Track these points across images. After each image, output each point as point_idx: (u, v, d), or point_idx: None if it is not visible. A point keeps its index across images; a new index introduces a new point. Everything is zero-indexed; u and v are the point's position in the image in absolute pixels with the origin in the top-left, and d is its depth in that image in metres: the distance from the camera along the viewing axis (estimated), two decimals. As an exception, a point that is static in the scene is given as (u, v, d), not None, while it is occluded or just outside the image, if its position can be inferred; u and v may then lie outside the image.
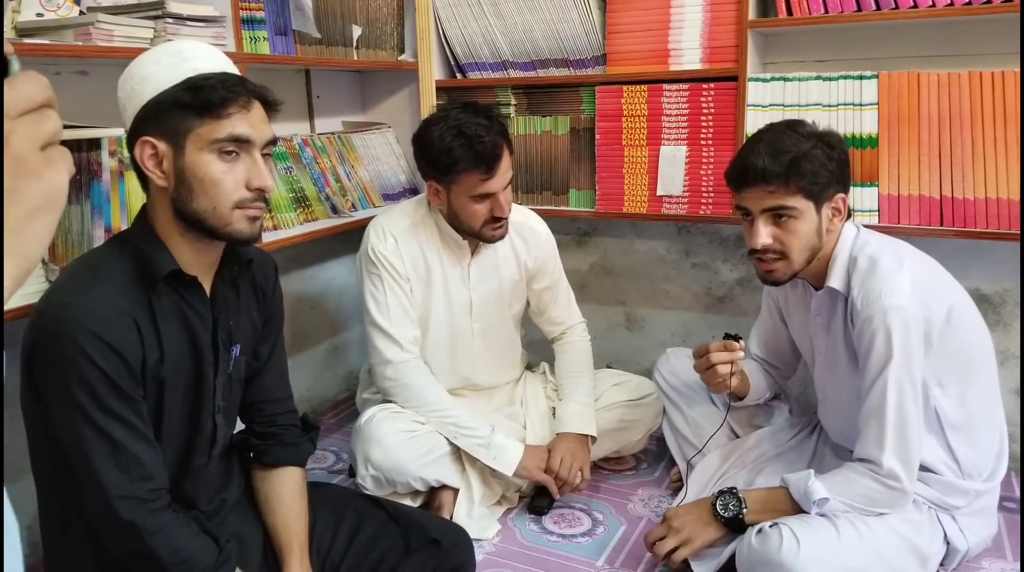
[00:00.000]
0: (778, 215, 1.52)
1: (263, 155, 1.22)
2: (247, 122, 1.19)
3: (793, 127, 1.56)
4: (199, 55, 1.20)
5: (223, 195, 1.18)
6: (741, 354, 1.68)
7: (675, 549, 1.60)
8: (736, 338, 1.69)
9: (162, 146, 1.17)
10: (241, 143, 1.18)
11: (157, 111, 1.16)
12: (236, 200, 1.19)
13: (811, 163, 1.49)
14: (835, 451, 1.79)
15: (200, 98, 1.15)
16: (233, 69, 1.23)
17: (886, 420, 1.47)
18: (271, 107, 1.25)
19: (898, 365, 1.46)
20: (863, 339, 1.50)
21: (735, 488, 1.61)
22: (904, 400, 1.47)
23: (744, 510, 1.57)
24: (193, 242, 1.23)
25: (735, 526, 1.57)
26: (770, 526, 1.49)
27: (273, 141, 1.24)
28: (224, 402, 1.35)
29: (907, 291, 1.47)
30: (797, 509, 1.54)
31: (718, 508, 1.59)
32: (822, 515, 1.51)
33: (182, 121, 1.16)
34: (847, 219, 1.61)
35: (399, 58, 2.58)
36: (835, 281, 1.58)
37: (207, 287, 1.30)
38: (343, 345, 2.82)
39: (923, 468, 1.59)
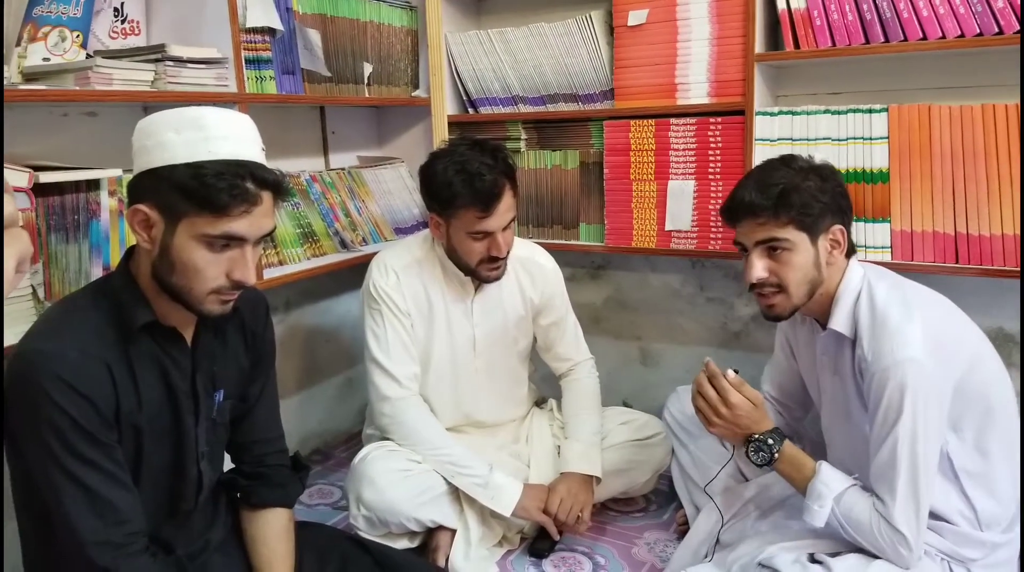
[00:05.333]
0: (772, 248, 1.50)
1: (255, 244, 1.21)
2: (247, 222, 1.17)
3: (786, 162, 1.54)
4: (220, 135, 1.16)
5: (201, 282, 1.18)
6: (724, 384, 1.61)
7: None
8: (735, 371, 1.63)
9: (154, 215, 1.16)
10: (234, 239, 1.18)
11: (159, 184, 1.15)
12: (214, 287, 1.19)
13: (801, 195, 1.47)
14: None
15: (203, 195, 1.13)
16: (254, 152, 1.20)
17: (897, 481, 1.40)
18: (283, 196, 1.24)
19: (909, 422, 1.38)
20: (872, 392, 1.44)
21: (772, 439, 1.54)
22: (916, 460, 1.39)
23: (773, 461, 1.54)
24: (170, 300, 1.23)
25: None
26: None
27: (271, 232, 1.23)
28: (208, 448, 1.35)
29: (919, 343, 1.40)
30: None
31: (750, 452, 1.55)
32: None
33: (180, 204, 1.14)
34: (850, 253, 1.56)
35: (413, 94, 2.60)
36: (839, 324, 1.53)
37: (189, 335, 1.30)
38: (358, 378, 2.82)
39: (937, 517, 1.51)
